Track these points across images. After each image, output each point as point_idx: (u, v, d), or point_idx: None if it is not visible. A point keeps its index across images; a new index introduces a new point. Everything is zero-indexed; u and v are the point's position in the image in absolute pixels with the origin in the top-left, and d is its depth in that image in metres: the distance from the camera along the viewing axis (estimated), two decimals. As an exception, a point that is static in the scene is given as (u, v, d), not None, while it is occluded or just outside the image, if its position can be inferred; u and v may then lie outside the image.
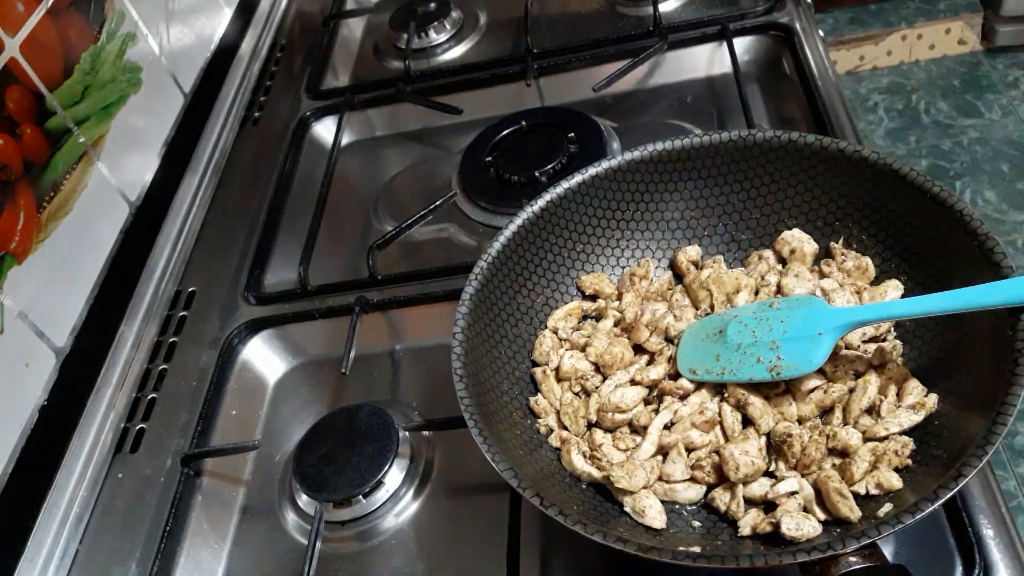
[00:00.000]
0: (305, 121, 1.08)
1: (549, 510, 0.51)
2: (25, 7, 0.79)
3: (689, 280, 0.68)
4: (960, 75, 2.34)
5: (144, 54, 0.96)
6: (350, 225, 0.96)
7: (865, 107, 2.32)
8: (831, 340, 0.57)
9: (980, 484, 0.58)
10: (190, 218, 0.98)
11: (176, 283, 0.92)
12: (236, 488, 0.76)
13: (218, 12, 1.14)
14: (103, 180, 0.87)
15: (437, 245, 0.90)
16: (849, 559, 0.46)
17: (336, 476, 0.69)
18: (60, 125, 0.81)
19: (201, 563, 0.71)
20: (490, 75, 1.06)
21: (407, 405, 0.76)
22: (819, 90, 0.88)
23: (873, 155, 0.62)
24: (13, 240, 0.74)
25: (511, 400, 0.63)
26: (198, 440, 0.76)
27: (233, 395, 0.81)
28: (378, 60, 1.17)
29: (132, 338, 0.85)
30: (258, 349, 0.85)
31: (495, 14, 1.17)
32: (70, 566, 0.71)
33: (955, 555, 0.55)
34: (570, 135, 0.92)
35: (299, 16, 1.27)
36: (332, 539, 0.69)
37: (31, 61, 0.78)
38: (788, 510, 0.53)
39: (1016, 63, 2.33)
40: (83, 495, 0.74)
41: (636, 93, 1.00)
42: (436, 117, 1.05)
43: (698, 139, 0.68)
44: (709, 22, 1.00)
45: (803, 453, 0.55)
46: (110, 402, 0.80)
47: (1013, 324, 0.50)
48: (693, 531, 0.56)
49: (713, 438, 0.59)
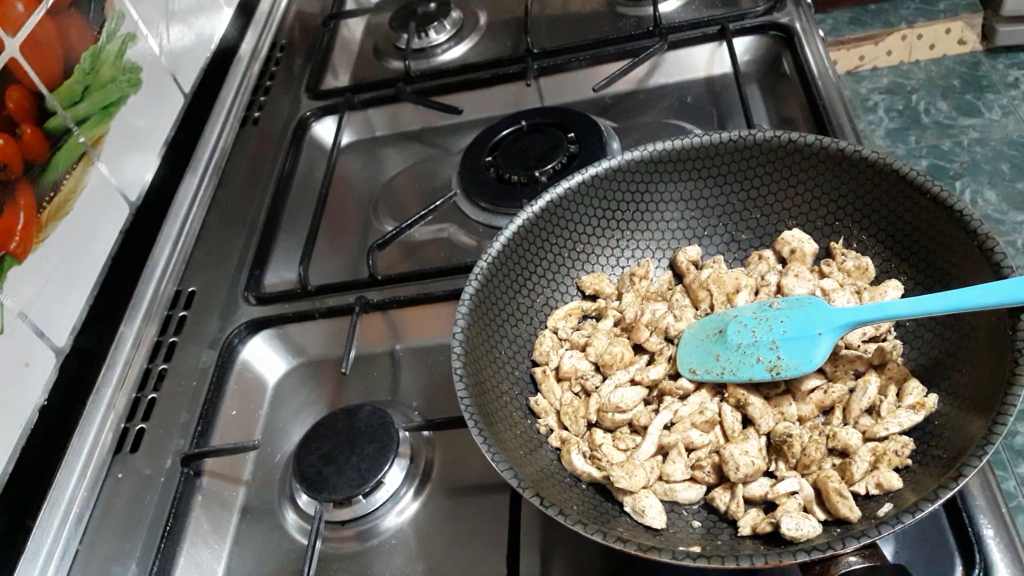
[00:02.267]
0: (305, 121, 1.08)
1: (549, 510, 0.51)
2: (25, 7, 0.79)
3: (689, 280, 0.68)
4: (960, 75, 2.34)
5: (144, 54, 0.96)
6: (350, 225, 0.96)
7: (865, 107, 2.32)
8: (831, 340, 0.57)
9: (980, 484, 0.58)
10: (190, 218, 0.98)
11: (176, 283, 0.92)
12: (236, 488, 0.76)
13: (218, 12, 1.14)
14: (103, 180, 0.87)
15: (437, 245, 0.90)
16: (849, 559, 0.46)
17: (336, 476, 0.69)
18: (60, 125, 0.81)
19: (201, 563, 0.71)
20: (490, 75, 1.06)
21: (407, 405, 0.76)
22: (819, 90, 0.88)
23: (873, 155, 0.62)
24: (13, 240, 0.74)
25: (511, 400, 0.63)
26: (198, 440, 0.76)
27: (233, 395, 0.81)
28: (378, 60, 1.17)
29: (132, 338, 0.85)
30: (258, 349, 0.85)
31: (495, 14, 1.17)
32: (70, 566, 0.71)
33: (955, 555, 0.55)
34: (570, 135, 0.92)
35: (299, 16, 1.27)
36: (332, 539, 0.69)
37: (31, 61, 0.78)
38: (788, 510, 0.53)
39: (1016, 63, 2.33)
40: (83, 495, 0.74)
41: (636, 93, 1.00)
42: (436, 117, 1.05)
43: (698, 139, 0.68)
44: (709, 22, 1.01)
45: (803, 453, 0.55)
46: (110, 402, 0.80)
47: (1013, 324, 0.50)
48: (693, 531, 0.56)
49: (713, 438, 0.59)
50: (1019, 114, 2.19)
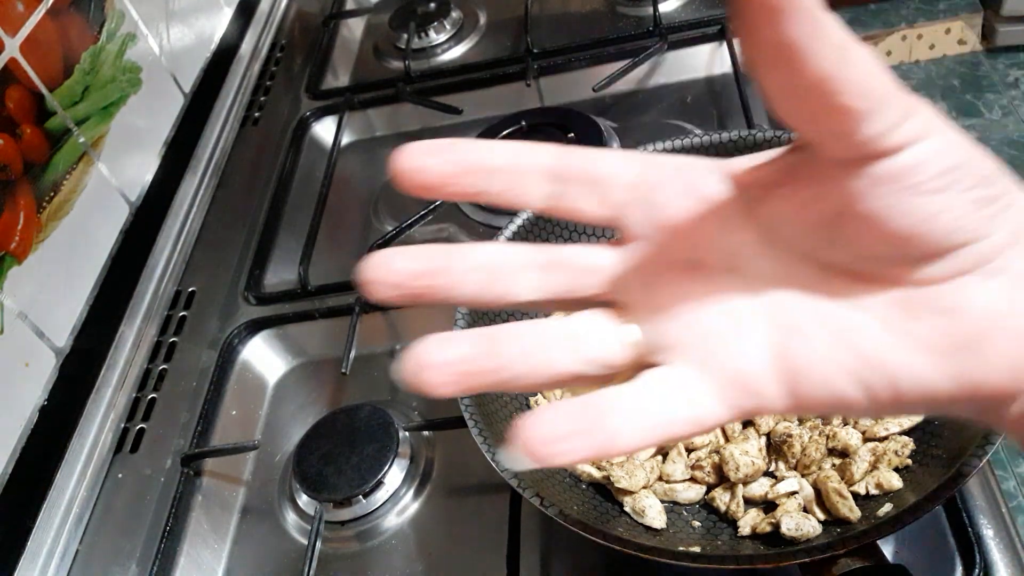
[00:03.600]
0: (305, 121, 1.08)
1: (549, 510, 0.51)
2: (25, 7, 0.79)
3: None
4: (960, 75, 2.34)
5: (144, 54, 0.96)
6: (350, 225, 0.96)
7: (865, 107, 2.32)
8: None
9: (980, 484, 0.58)
10: (190, 218, 0.98)
11: (176, 283, 0.92)
12: (236, 488, 0.76)
13: (218, 12, 1.14)
14: (103, 180, 0.87)
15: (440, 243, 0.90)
16: (849, 559, 0.46)
17: (336, 476, 0.69)
18: (60, 125, 0.82)
19: (201, 563, 0.71)
20: (490, 75, 1.06)
21: (407, 405, 0.76)
22: (819, 90, 0.88)
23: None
24: (13, 240, 0.74)
25: (511, 400, 0.63)
26: (198, 440, 0.76)
27: (233, 395, 0.81)
28: (378, 60, 1.17)
29: (132, 338, 0.85)
30: (258, 349, 0.85)
31: (495, 14, 1.17)
32: (70, 566, 0.71)
33: (955, 555, 0.55)
34: (570, 135, 0.92)
35: (299, 16, 1.27)
36: (332, 539, 0.69)
37: (31, 61, 0.78)
38: (788, 510, 0.53)
39: (1016, 63, 2.33)
40: (83, 495, 0.74)
41: (636, 93, 1.00)
42: (436, 117, 1.05)
43: (698, 139, 0.68)
44: (709, 22, 1.01)
45: (803, 453, 0.55)
46: (110, 402, 0.80)
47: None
48: (693, 531, 0.56)
49: (713, 438, 0.59)
50: (1019, 114, 2.19)
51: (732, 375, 0.27)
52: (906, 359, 0.25)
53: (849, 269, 0.26)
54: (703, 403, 0.27)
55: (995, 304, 0.25)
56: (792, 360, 0.27)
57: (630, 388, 0.27)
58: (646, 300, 0.29)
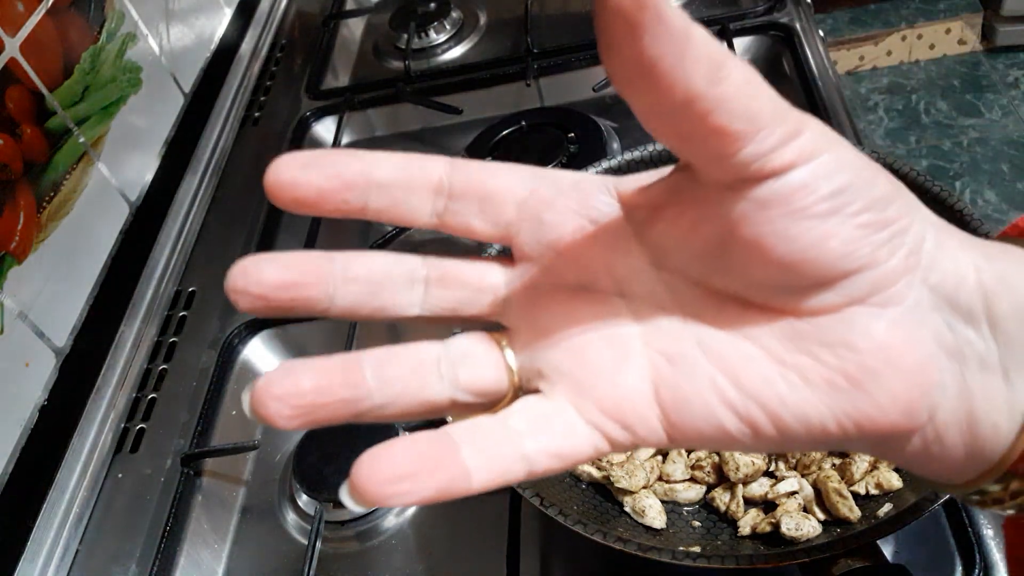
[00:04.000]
0: (305, 121, 1.08)
1: (549, 510, 0.51)
2: (25, 7, 0.79)
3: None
4: (960, 75, 2.34)
5: (144, 54, 0.97)
6: (350, 225, 0.96)
7: (865, 107, 2.32)
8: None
9: (980, 484, 0.58)
10: (190, 218, 0.98)
11: (176, 283, 0.92)
12: (236, 488, 0.76)
13: (218, 12, 1.14)
14: (103, 180, 0.87)
15: (437, 245, 0.90)
16: (849, 559, 0.46)
17: (336, 476, 0.69)
18: (60, 125, 0.82)
19: (201, 563, 0.71)
20: (490, 75, 1.06)
21: (407, 405, 0.76)
22: (819, 90, 0.88)
23: (873, 155, 0.62)
24: (13, 240, 0.74)
25: (511, 400, 0.63)
26: (198, 440, 0.76)
27: (233, 395, 0.81)
28: (378, 60, 1.17)
29: (132, 338, 0.85)
30: (258, 349, 0.85)
31: (495, 14, 1.17)
32: (70, 566, 0.71)
33: (955, 555, 0.55)
34: (570, 135, 0.92)
35: (299, 16, 1.27)
36: (332, 539, 0.69)
37: (31, 61, 0.78)
38: (788, 510, 0.53)
39: (1016, 63, 2.33)
40: (83, 495, 0.74)
41: (636, 93, 1.00)
42: (436, 117, 1.05)
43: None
44: (709, 22, 1.00)
45: (803, 453, 0.55)
46: (110, 402, 0.80)
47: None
48: (693, 531, 0.56)
49: (713, 438, 0.59)
50: (1019, 114, 2.20)
51: (609, 406, 0.25)
52: (789, 394, 0.24)
53: (740, 297, 0.25)
54: (574, 435, 0.25)
55: (887, 338, 0.23)
56: (673, 391, 0.25)
57: (491, 420, 0.25)
58: (530, 323, 0.27)
